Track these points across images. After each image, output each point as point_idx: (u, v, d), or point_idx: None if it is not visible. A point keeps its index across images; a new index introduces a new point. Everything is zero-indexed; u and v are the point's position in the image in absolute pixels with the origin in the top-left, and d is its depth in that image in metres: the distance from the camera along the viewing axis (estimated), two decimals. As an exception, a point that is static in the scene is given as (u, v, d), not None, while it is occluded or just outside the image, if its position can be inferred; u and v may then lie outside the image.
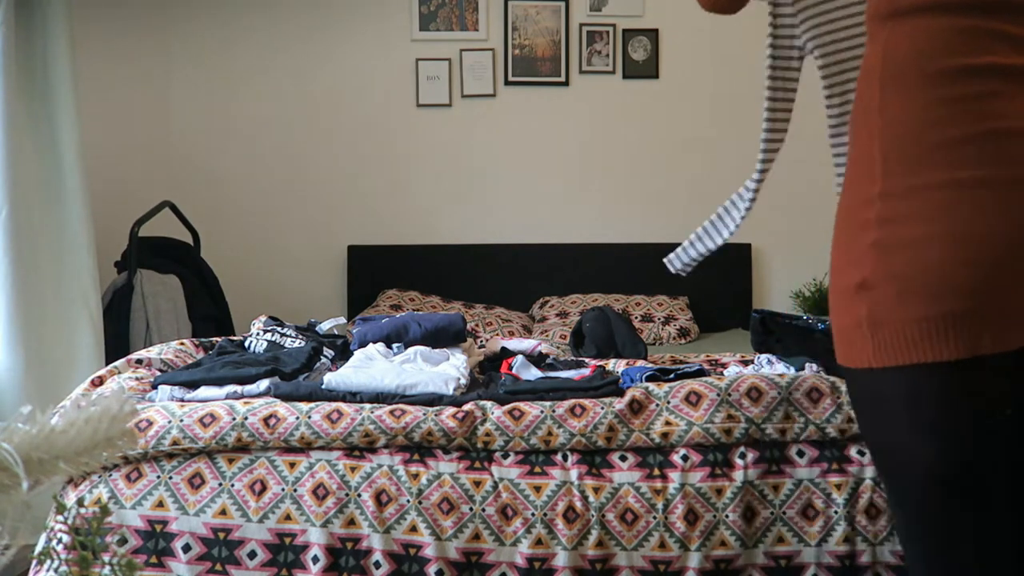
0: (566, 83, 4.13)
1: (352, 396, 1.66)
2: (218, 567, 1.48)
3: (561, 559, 1.47)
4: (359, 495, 1.50)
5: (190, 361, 2.03)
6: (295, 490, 1.51)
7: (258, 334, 2.16)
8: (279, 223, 4.13)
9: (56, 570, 1.44)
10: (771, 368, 1.83)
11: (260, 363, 1.83)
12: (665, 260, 1.78)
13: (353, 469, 1.53)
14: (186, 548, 1.49)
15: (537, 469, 1.54)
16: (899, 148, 1.12)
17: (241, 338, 2.19)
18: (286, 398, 1.64)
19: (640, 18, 4.12)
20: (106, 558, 0.91)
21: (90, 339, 2.66)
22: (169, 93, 4.08)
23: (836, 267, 1.17)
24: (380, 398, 1.65)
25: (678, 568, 1.48)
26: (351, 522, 1.49)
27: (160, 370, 1.93)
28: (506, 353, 2.12)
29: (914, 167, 1.09)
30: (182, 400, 1.68)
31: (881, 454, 1.17)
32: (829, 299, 1.19)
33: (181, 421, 1.55)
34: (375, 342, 1.98)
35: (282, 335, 2.14)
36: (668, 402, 1.59)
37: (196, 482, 1.53)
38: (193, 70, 4.09)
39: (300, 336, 2.17)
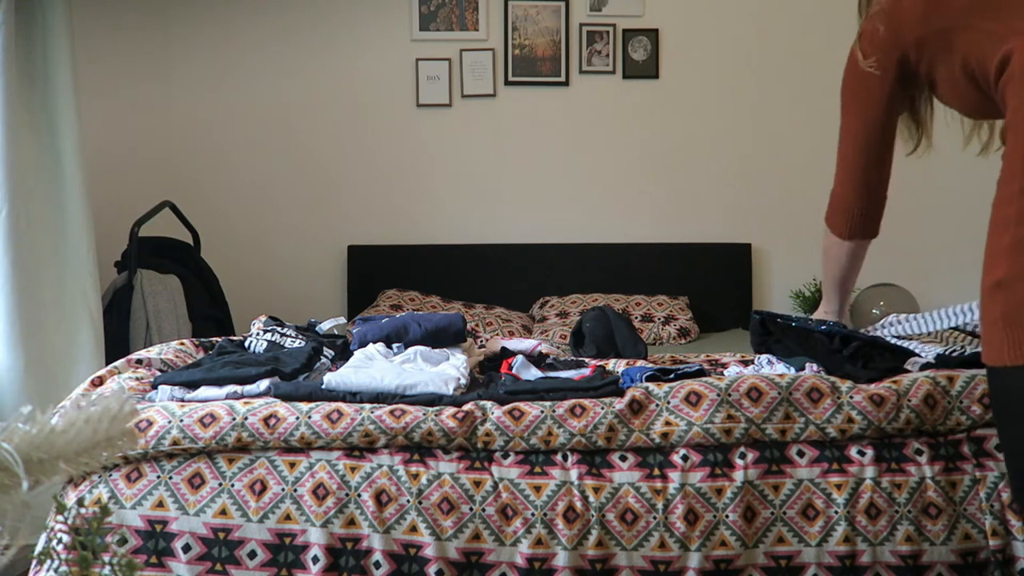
0: (566, 83, 4.13)
1: (352, 396, 1.65)
2: (218, 567, 1.48)
3: (561, 559, 1.47)
4: (359, 495, 1.50)
5: (190, 361, 2.03)
6: (295, 490, 1.51)
7: (258, 334, 2.16)
8: (279, 223, 4.13)
9: (56, 570, 1.44)
10: (771, 368, 1.83)
11: (260, 363, 1.83)
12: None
13: (353, 469, 1.53)
14: (186, 548, 1.49)
15: (537, 469, 1.54)
16: None
17: (241, 338, 2.19)
18: (286, 398, 1.64)
19: (640, 18, 4.12)
20: (106, 558, 0.91)
21: (90, 339, 2.67)
22: (169, 93, 4.09)
23: (984, 266, 1.19)
24: (380, 398, 1.65)
25: (678, 568, 1.48)
26: (351, 522, 1.49)
27: (160, 370, 1.93)
28: (506, 353, 2.12)
29: None
30: (182, 400, 1.68)
31: (1017, 456, 1.16)
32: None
33: (181, 421, 1.55)
34: (375, 342, 1.98)
35: (282, 335, 2.14)
36: (668, 402, 1.59)
37: (196, 482, 1.53)
38: (193, 70, 4.09)
39: (300, 336, 2.17)
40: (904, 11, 1.46)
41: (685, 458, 1.55)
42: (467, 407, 1.59)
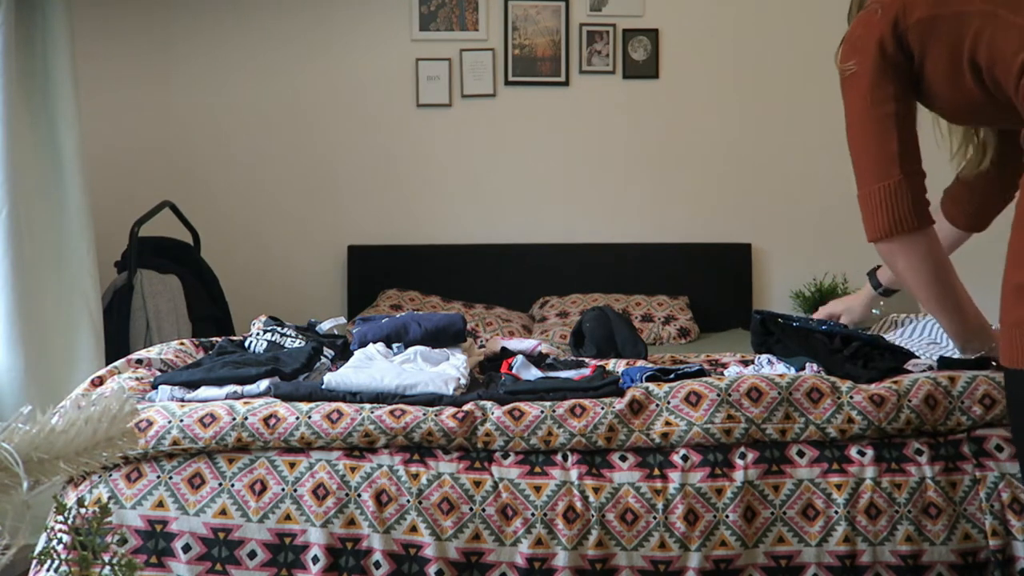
0: (566, 83, 4.14)
1: (352, 396, 1.65)
2: (218, 567, 1.48)
3: (561, 559, 1.47)
4: (359, 495, 1.50)
5: (190, 361, 2.03)
6: (295, 490, 1.51)
7: (258, 334, 2.16)
8: (279, 223, 4.13)
9: (56, 570, 1.44)
10: (771, 368, 1.83)
11: (260, 363, 1.83)
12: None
13: (353, 469, 1.53)
14: (186, 548, 1.49)
15: (537, 469, 1.54)
16: None
17: (241, 338, 2.19)
18: (286, 398, 1.64)
19: (640, 18, 4.12)
20: (106, 558, 0.91)
21: (90, 339, 2.67)
22: (169, 93, 4.09)
23: (1008, 265, 1.16)
24: (380, 398, 1.65)
25: (678, 568, 1.48)
26: (351, 522, 1.49)
27: (160, 370, 1.93)
28: (506, 353, 2.12)
29: None
30: (182, 400, 1.68)
31: None
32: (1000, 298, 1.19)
33: (181, 421, 1.55)
34: (375, 342, 1.98)
35: (282, 335, 2.14)
36: (668, 402, 1.59)
37: (196, 482, 1.53)
38: (193, 70, 4.09)
39: (300, 336, 2.17)
40: None
41: (685, 458, 1.55)
42: (467, 407, 1.59)
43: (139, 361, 1.95)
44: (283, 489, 1.52)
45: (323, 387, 1.69)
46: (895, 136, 1.43)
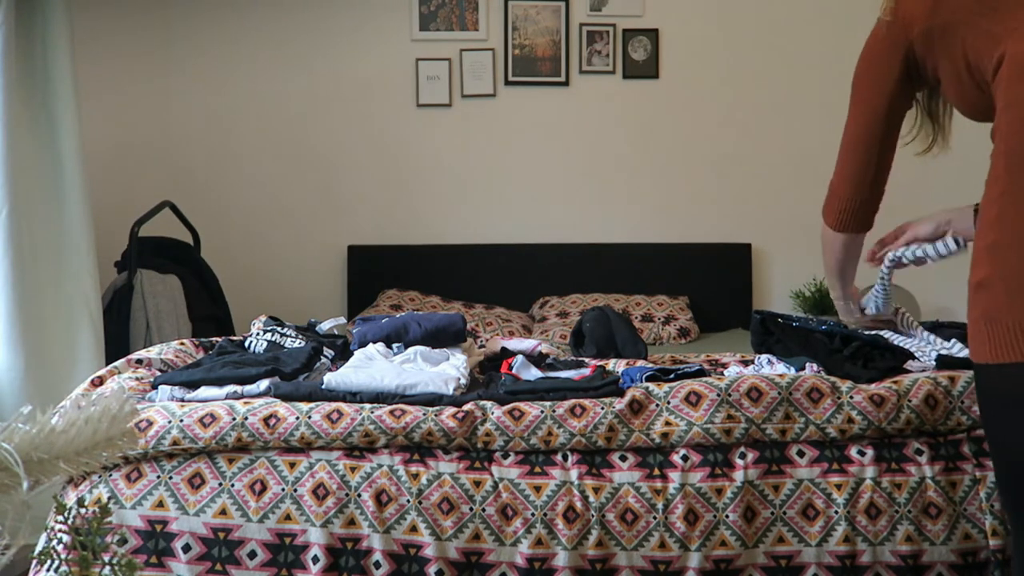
0: (566, 83, 4.13)
1: (352, 396, 1.66)
2: (218, 567, 1.48)
3: (561, 559, 1.47)
4: (359, 495, 1.50)
5: (190, 361, 2.03)
6: (295, 490, 1.51)
7: (258, 334, 2.16)
8: (279, 223, 4.13)
9: (56, 570, 1.44)
10: (771, 368, 1.83)
11: (260, 363, 1.83)
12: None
13: (353, 469, 1.53)
14: (186, 548, 1.49)
15: (537, 469, 1.54)
16: (1020, 148, 1.15)
17: (241, 338, 2.19)
18: (286, 398, 1.64)
19: (640, 18, 4.12)
20: (106, 558, 0.91)
21: (90, 339, 2.67)
22: (169, 93, 4.09)
23: (971, 264, 1.21)
24: (380, 398, 1.65)
25: (678, 568, 1.48)
26: (351, 522, 1.49)
27: (160, 370, 1.93)
28: (506, 353, 2.12)
29: None
30: (182, 400, 1.68)
31: (1000, 451, 1.18)
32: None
33: (181, 421, 1.55)
34: (375, 342, 1.98)
35: (282, 335, 2.14)
36: (668, 402, 1.59)
37: (196, 482, 1.53)
38: (193, 70, 4.09)
39: (300, 336, 2.17)
40: (914, 2, 1.44)
41: (685, 458, 1.55)
42: (467, 407, 1.59)
43: (139, 361, 1.95)
44: (283, 489, 1.52)
45: (323, 387, 1.69)
46: (876, 161, 1.57)
